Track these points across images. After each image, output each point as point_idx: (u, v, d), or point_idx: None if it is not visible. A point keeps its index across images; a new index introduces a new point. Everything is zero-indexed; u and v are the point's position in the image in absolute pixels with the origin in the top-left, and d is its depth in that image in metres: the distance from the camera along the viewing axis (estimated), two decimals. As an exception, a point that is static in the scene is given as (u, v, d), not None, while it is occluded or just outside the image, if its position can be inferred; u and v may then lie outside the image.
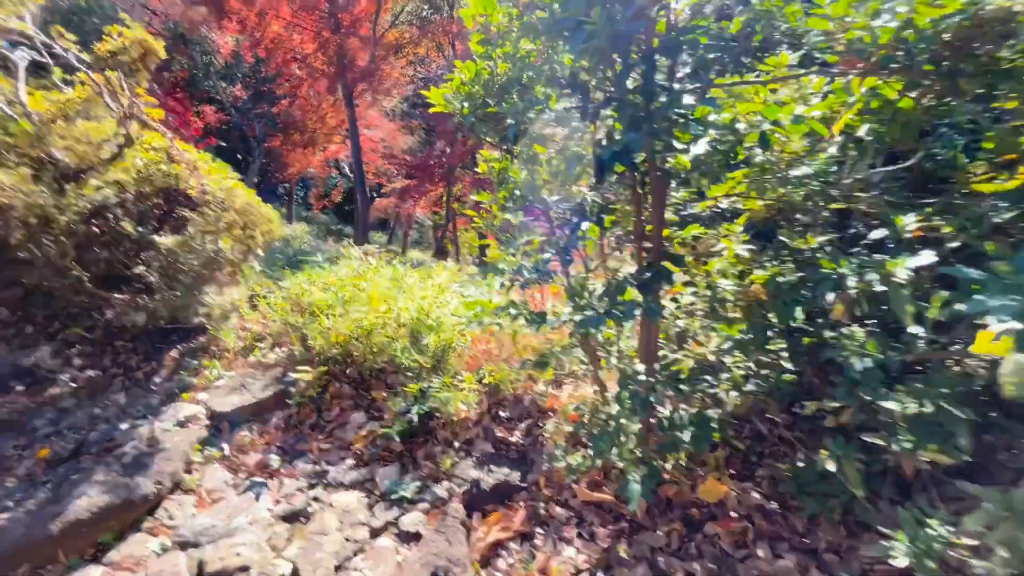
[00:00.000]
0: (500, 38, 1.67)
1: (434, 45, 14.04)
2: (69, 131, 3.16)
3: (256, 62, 12.72)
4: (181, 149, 3.31)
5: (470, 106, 1.72)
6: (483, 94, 1.67)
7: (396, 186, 17.50)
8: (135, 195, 3.02)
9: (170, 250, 2.92)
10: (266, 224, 3.65)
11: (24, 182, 2.80)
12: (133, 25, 2.95)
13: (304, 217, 21.23)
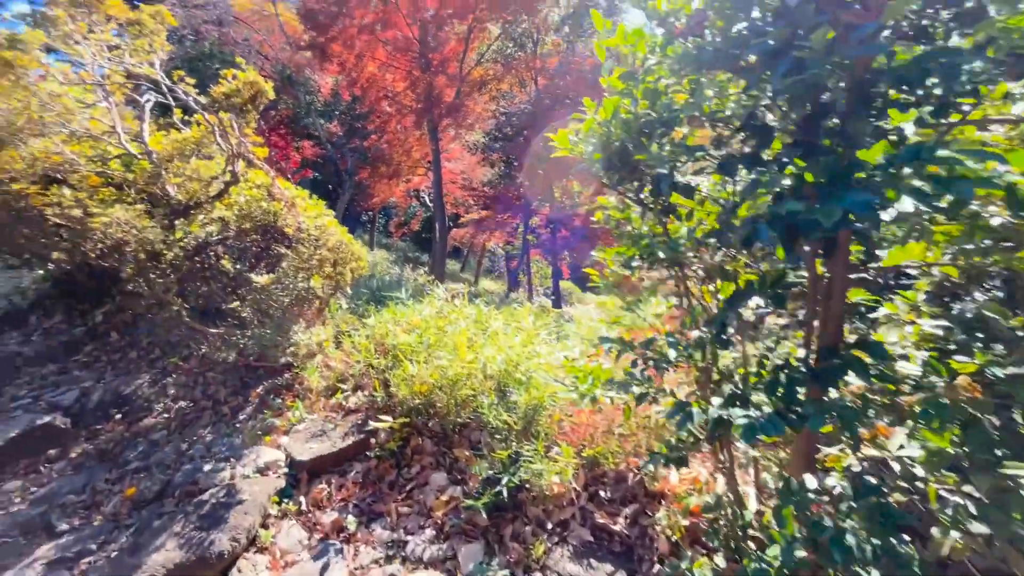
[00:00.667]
0: (643, 72, 1.40)
1: (517, 81, 14.30)
2: (183, 168, 3.28)
3: (352, 100, 13.52)
4: (281, 186, 3.33)
5: (602, 151, 1.45)
6: (620, 137, 1.40)
7: (473, 216, 17.83)
8: (236, 231, 3.04)
9: (263, 287, 2.88)
10: (355, 261, 3.58)
11: (139, 218, 2.89)
12: (247, 68, 3.03)
13: (384, 244, 22.16)
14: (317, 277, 3.09)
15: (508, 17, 12.04)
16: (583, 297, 22.32)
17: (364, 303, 4.75)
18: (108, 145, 3.24)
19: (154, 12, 3.25)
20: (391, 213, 22.21)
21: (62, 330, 4.21)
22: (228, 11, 17.13)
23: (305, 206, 3.50)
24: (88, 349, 4.00)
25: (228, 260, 2.82)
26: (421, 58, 11.67)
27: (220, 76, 3.12)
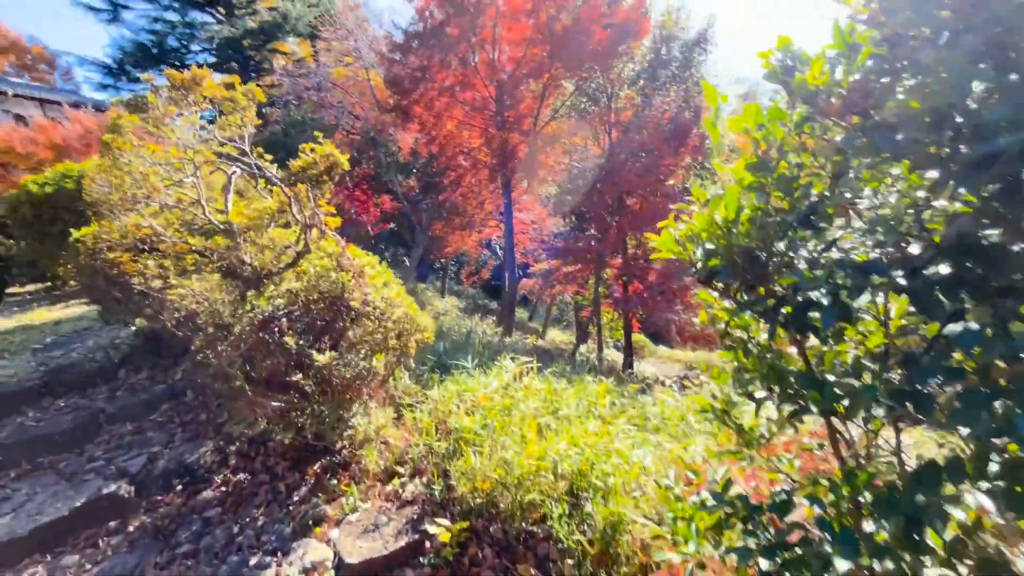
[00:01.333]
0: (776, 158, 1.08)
1: (590, 134, 14.32)
2: (259, 238, 3.30)
3: (429, 157, 14.12)
4: (351, 255, 3.25)
5: (722, 256, 1.13)
6: (747, 243, 1.07)
7: (543, 267, 17.71)
8: (303, 304, 2.96)
9: (325, 365, 2.73)
10: (420, 332, 3.40)
11: (212, 290, 2.89)
12: (324, 142, 3.05)
13: (455, 290, 22.55)
14: (380, 355, 2.92)
15: (583, 74, 12.19)
16: (655, 350, 21.22)
17: (429, 369, 4.56)
18: (195, 214, 3.35)
19: (246, 90, 3.40)
20: (463, 261, 22.69)
21: (145, 386, 4.35)
22: (327, 78, 18.87)
23: (373, 274, 3.40)
24: (164, 408, 4.08)
25: (292, 337, 2.71)
26: (497, 116, 12.00)
27: (301, 148, 3.15)
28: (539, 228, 17.55)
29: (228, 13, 26.86)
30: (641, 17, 11.06)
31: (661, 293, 10.18)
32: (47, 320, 6.55)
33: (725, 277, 1.14)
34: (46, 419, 3.79)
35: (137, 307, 3.41)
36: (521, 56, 11.72)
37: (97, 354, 4.69)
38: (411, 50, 11.30)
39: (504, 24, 11.36)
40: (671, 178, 11.77)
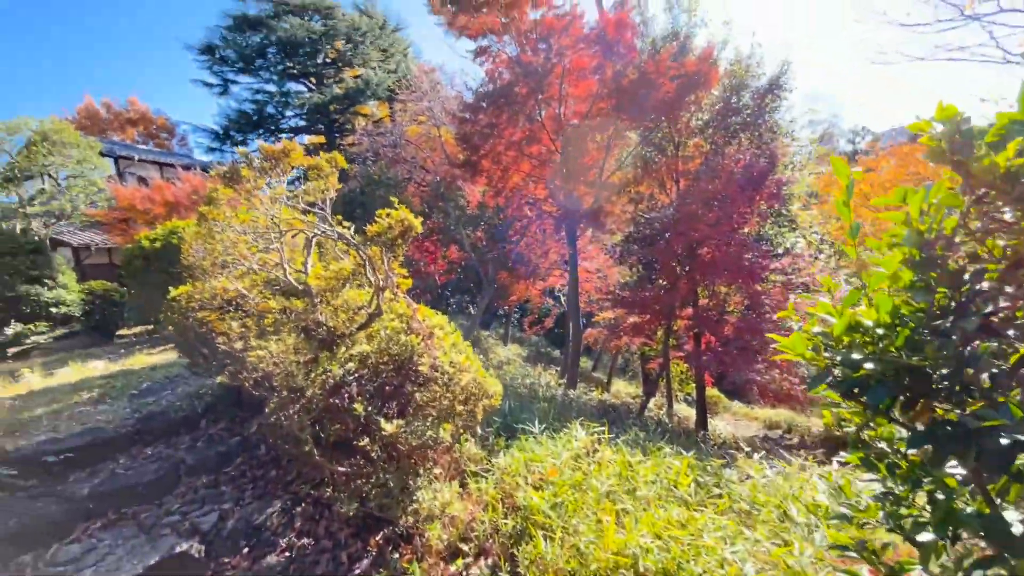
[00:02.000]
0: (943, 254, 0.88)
1: (656, 183, 14.14)
2: (334, 299, 3.37)
3: (496, 210, 14.47)
4: (421, 318, 3.23)
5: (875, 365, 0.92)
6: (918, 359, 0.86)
7: (608, 316, 17.28)
8: (372, 368, 2.93)
9: (391, 434, 2.65)
10: (487, 399, 3.27)
11: (288, 352, 2.95)
12: (399, 207, 3.11)
13: (518, 338, 22.45)
14: (447, 424, 2.81)
15: (648, 125, 12.18)
16: (730, 406, 19.77)
17: (494, 432, 4.40)
18: (276, 275, 3.49)
19: (329, 158, 3.58)
20: (526, 308, 22.67)
21: (223, 438, 4.49)
22: (401, 136, 20.18)
23: (442, 336, 3.35)
24: (238, 462, 4.17)
25: (361, 403, 2.67)
26: (562, 168, 12.16)
27: (377, 214, 3.23)
28: (604, 277, 17.27)
29: (318, 82, 29.80)
30: (709, 68, 10.98)
31: (740, 349, 9.50)
32: (145, 365, 7.09)
33: (879, 395, 0.92)
34: (134, 468, 3.97)
35: (220, 364, 3.56)
36: (587, 110, 11.93)
37: (183, 403, 4.94)
38: (480, 109, 11.83)
39: (570, 81, 11.67)
40: (745, 226, 11.25)
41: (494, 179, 12.55)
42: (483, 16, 11.36)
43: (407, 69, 28.88)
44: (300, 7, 28.21)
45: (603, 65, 11.33)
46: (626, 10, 11.44)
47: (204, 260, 3.13)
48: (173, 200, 15.88)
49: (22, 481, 3.77)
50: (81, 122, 32.01)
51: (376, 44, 30.12)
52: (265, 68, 28.79)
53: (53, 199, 14.93)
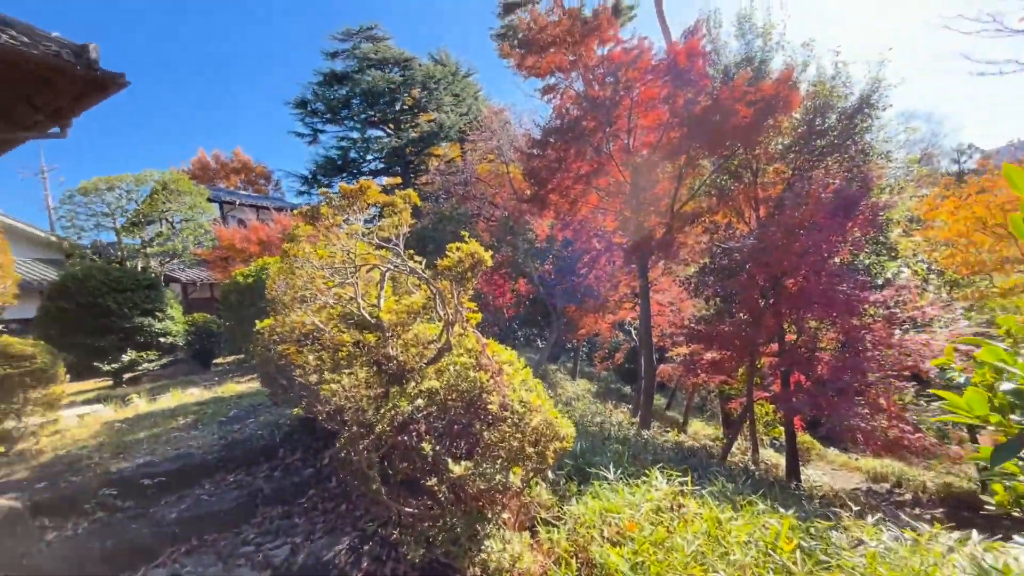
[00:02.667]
0: None
1: (733, 212, 13.48)
2: (404, 333, 3.37)
3: (564, 243, 14.41)
4: (490, 352, 3.14)
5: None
6: None
7: (683, 351, 16.43)
8: (440, 405, 2.85)
9: (460, 476, 2.54)
10: (559, 441, 3.08)
11: (359, 387, 2.95)
12: (469, 241, 3.09)
13: (587, 373, 21.84)
14: (517, 469, 2.65)
15: (723, 152, 11.71)
16: (825, 453, 17.86)
17: (566, 476, 4.15)
18: (351, 309, 3.56)
19: (404, 195, 3.67)
20: (594, 342, 22.12)
21: (298, 468, 4.59)
22: (472, 174, 20.90)
23: (511, 372, 3.23)
24: (311, 493, 4.22)
25: (429, 443, 2.59)
26: (632, 199, 11.94)
27: (448, 248, 3.22)
28: (677, 310, 16.55)
29: (396, 128, 31.81)
30: (789, 90, 10.45)
31: (838, 391, 8.56)
32: (234, 393, 7.54)
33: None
34: (217, 494, 4.13)
35: (297, 396, 3.66)
36: (657, 140, 11.72)
37: (264, 431, 5.14)
38: (548, 144, 11.98)
39: (639, 112, 11.56)
40: (836, 255, 10.34)
41: (562, 212, 12.54)
42: (550, 56, 11.63)
43: (477, 111, 30.17)
44: (381, 61, 30.55)
45: (674, 94, 11.14)
46: (696, 39, 11.27)
47: (285, 295, 3.28)
48: (266, 239, 17.30)
49: (121, 502, 4.03)
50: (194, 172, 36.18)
51: (449, 90, 31.81)
52: (349, 117, 31.22)
53: (168, 240, 16.78)
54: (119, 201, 15.79)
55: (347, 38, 30.86)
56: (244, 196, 31.14)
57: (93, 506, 3.94)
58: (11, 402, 4.99)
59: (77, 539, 3.57)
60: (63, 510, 3.90)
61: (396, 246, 3.57)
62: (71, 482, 4.18)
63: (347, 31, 30.77)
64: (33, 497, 3.85)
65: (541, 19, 11.80)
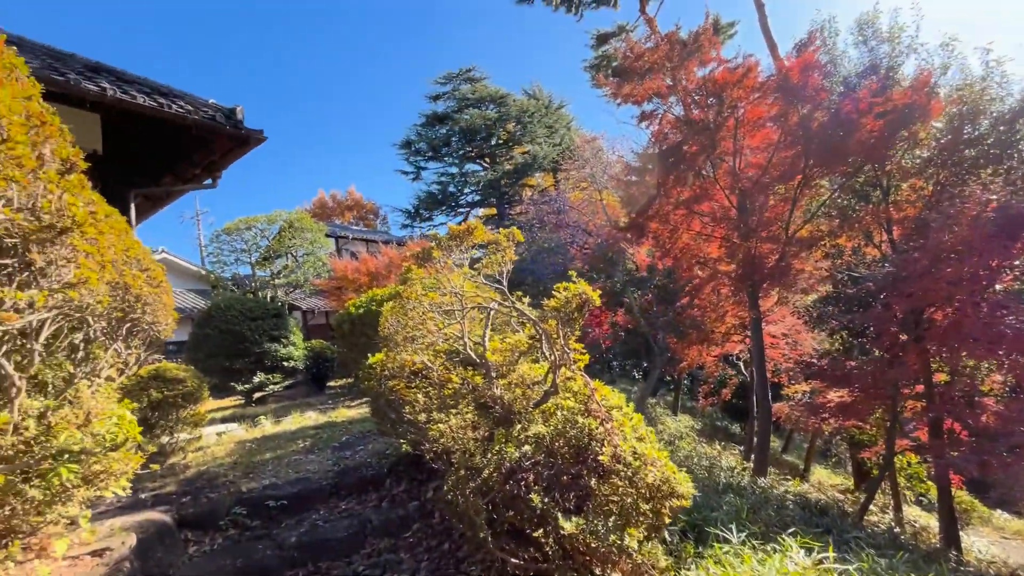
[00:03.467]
0: None
1: (859, 234, 12.06)
2: (509, 373, 3.31)
3: (666, 273, 13.81)
4: (599, 396, 2.97)
5: None
6: None
7: (802, 389, 14.82)
8: (547, 451, 2.73)
9: (570, 535, 2.38)
10: (676, 498, 2.80)
11: (466, 429, 2.93)
12: (577, 281, 3.00)
13: (688, 408, 20.45)
14: (633, 530, 2.44)
15: (846, 170, 10.61)
16: (989, 516, 14.95)
17: (679, 533, 3.79)
18: (457, 348, 3.59)
19: (507, 233, 3.68)
20: (697, 374, 20.74)
21: (403, 500, 4.68)
22: (565, 202, 20.99)
23: (621, 419, 3.03)
24: (416, 528, 4.26)
25: (538, 494, 2.47)
26: (739, 224, 11.16)
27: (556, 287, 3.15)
28: (793, 343, 15.05)
29: (491, 162, 33.10)
30: (926, 97, 9.26)
31: (1013, 447, 7.11)
32: (345, 418, 8.01)
33: None
34: (331, 521, 4.32)
35: (405, 432, 3.75)
36: (766, 161, 10.92)
37: (372, 460, 5.35)
38: (646, 171, 11.69)
39: (745, 132, 10.90)
40: (999, 282, 8.76)
41: (661, 240, 12.05)
42: (648, 82, 11.42)
43: (570, 140, 30.54)
44: (478, 100, 32.20)
45: (785, 112, 10.37)
46: (810, 51, 10.45)
47: (397, 334, 3.42)
48: (374, 270, 18.61)
49: (249, 521, 4.36)
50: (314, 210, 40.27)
51: (542, 122, 32.60)
52: (449, 154, 33.11)
53: (292, 272, 18.70)
54: (255, 238, 17.97)
55: (447, 81, 33.03)
56: (355, 231, 33.99)
57: (226, 523, 4.30)
58: (166, 421, 5.68)
59: (214, 555, 3.90)
60: (203, 525, 4.29)
61: (500, 284, 3.57)
62: (210, 498, 4.61)
63: (448, 75, 32.96)
64: (180, 511, 4.29)
65: (637, 47, 11.69)
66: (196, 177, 9.36)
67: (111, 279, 2.49)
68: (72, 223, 1.60)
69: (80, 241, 1.71)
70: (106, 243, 2.05)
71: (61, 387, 2.97)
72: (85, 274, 1.76)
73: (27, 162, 1.45)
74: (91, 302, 1.96)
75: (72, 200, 1.61)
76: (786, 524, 5.12)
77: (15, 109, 1.46)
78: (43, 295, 1.64)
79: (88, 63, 7.11)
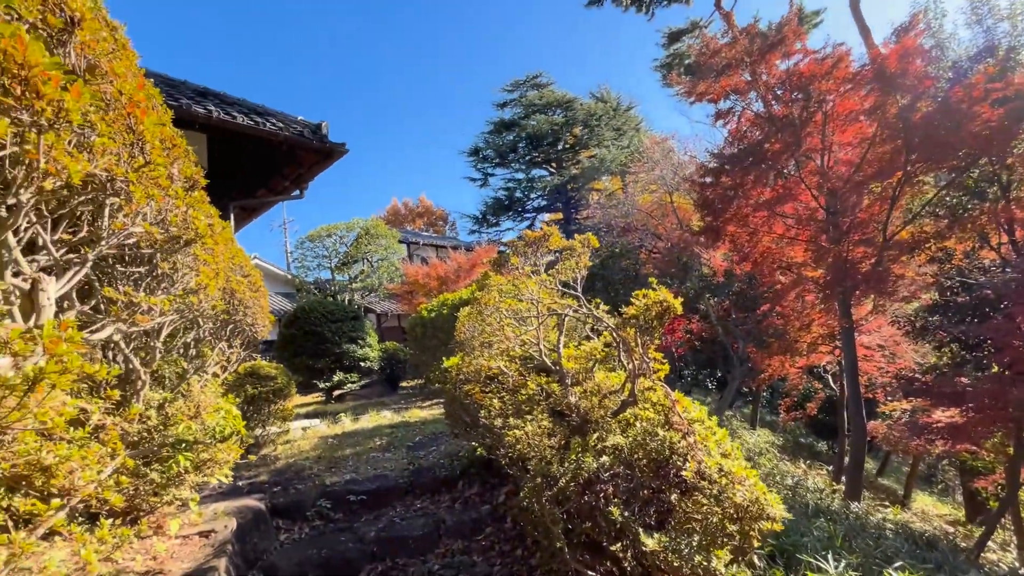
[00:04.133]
0: None
1: (972, 236, 10.78)
2: (585, 381, 3.26)
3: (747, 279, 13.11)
4: (680, 409, 2.85)
5: None
6: None
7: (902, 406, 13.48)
8: (625, 464, 2.65)
9: (652, 552, 2.29)
10: (766, 520, 2.62)
11: (542, 436, 2.92)
12: (659, 288, 2.90)
13: (768, 422, 19.19)
14: (721, 552, 2.31)
15: (955, 165, 9.53)
16: None
17: (767, 558, 3.55)
18: (532, 354, 3.59)
19: (583, 239, 3.64)
20: (778, 386, 19.46)
21: (475, 503, 4.74)
22: (633, 205, 20.51)
23: (704, 433, 2.88)
24: (488, 531, 4.30)
25: (618, 508, 2.40)
26: (828, 226, 10.35)
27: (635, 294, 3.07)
28: (891, 355, 13.76)
29: (558, 166, 33.05)
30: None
31: None
32: (418, 419, 8.27)
33: None
34: (407, 519, 4.45)
35: (480, 436, 3.80)
36: (859, 158, 10.06)
37: (444, 461, 5.47)
38: (723, 172, 11.13)
39: (835, 127, 10.10)
40: None
41: (739, 243, 11.44)
42: (725, 79, 10.92)
43: (639, 142, 29.86)
44: (545, 105, 32.30)
45: (882, 104, 9.50)
46: (911, 36, 9.51)
47: (473, 339, 3.48)
48: (444, 275, 19.14)
49: (332, 513, 4.60)
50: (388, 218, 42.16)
51: (610, 125, 32.12)
52: (515, 160, 33.45)
53: (368, 277, 19.65)
54: (334, 245, 19.09)
55: (515, 88, 33.43)
56: (426, 236, 35.18)
57: (312, 514, 4.56)
58: (259, 415, 6.14)
59: (301, 543, 4.14)
60: (291, 514, 4.58)
61: (575, 290, 3.54)
62: (297, 489, 4.92)
63: (515, 82, 33.36)
64: (272, 500, 4.61)
65: (713, 42, 11.22)
66: (286, 189, 10.10)
67: (222, 285, 2.73)
68: (195, 235, 1.79)
69: (200, 251, 1.91)
70: (219, 252, 2.25)
71: (175, 382, 3.29)
72: (204, 281, 1.95)
73: (163, 182, 1.64)
74: (207, 307, 2.16)
75: (195, 214, 1.81)
76: (888, 557, 4.64)
77: (155, 134, 1.66)
78: (168, 299, 1.83)
79: (196, 88, 7.89)
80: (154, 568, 2.77)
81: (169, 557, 2.97)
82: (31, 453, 1.61)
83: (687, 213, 19.03)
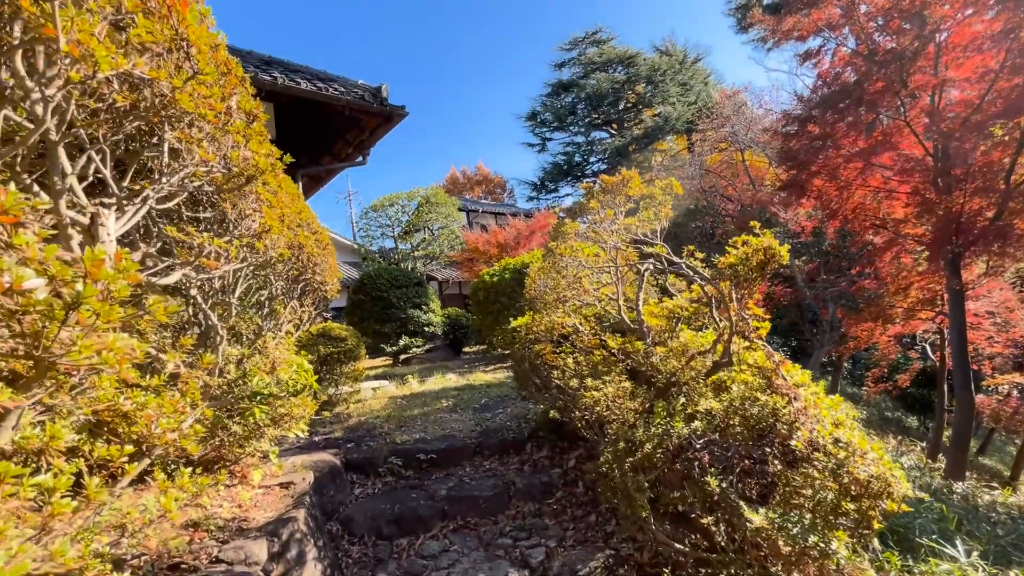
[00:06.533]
0: None
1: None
2: (669, 340, 2.97)
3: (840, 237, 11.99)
4: (785, 372, 2.51)
5: None
6: None
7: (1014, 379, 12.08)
8: (719, 431, 2.37)
9: (758, 528, 2.02)
10: (887, 499, 2.27)
11: (623, 398, 2.68)
12: (763, 233, 2.52)
13: (849, 394, 17.89)
14: (841, 533, 2.00)
15: (1111, 96, 8.00)
16: None
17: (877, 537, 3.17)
18: (607, 311, 3.33)
19: (664, 185, 3.28)
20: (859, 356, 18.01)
21: (545, 467, 4.63)
22: (700, 166, 19.28)
23: (810, 399, 2.53)
24: (559, 495, 4.18)
25: (715, 478, 2.14)
26: (936, 178, 9.11)
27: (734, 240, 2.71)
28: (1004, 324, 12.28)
29: (619, 128, 31.58)
30: None
31: None
32: (483, 382, 8.27)
33: None
34: (476, 479, 4.42)
35: (551, 398, 3.62)
36: (979, 97, 8.67)
37: (512, 423, 5.39)
38: (810, 119, 10.02)
39: (950, 61, 8.74)
40: None
41: (827, 198, 10.35)
42: (816, 12, 9.69)
43: (708, 97, 27.86)
44: (605, 63, 30.67)
45: (1014, 28, 8.06)
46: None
47: (547, 294, 3.26)
48: (503, 242, 19.00)
49: (403, 471, 4.64)
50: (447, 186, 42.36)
51: (675, 80, 30.11)
52: (574, 123, 32.26)
53: (429, 245, 19.88)
54: (396, 214, 19.38)
55: (573, 47, 31.91)
56: (485, 204, 35.06)
57: (384, 471, 4.63)
58: (332, 374, 6.32)
59: (375, 497, 4.21)
60: (364, 469, 4.67)
61: (654, 242, 3.21)
62: (369, 446, 5.01)
63: (573, 40, 31.82)
64: (346, 455, 4.72)
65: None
66: (349, 156, 10.18)
67: (288, 239, 2.66)
68: (256, 171, 1.68)
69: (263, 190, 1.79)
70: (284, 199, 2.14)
71: (251, 338, 3.33)
72: (268, 222, 1.84)
73: (217, 105, 1.51)
74: (273, 254, 2.07)
75: (255, 148, 1.68)
76: (1015, 544, 4.10)
77: (204, 40, 1.50)
78: (235, 243, 1.74)
79: (262, 57, 7.96)
80: (239, 515, 2.85)
81: (253, 505, 3.05)
82: (111, 400, 1.57)
83: (760, 171, 17.60)
